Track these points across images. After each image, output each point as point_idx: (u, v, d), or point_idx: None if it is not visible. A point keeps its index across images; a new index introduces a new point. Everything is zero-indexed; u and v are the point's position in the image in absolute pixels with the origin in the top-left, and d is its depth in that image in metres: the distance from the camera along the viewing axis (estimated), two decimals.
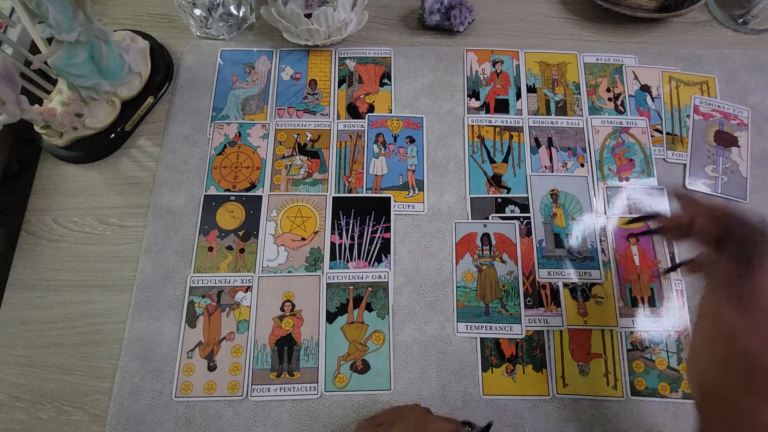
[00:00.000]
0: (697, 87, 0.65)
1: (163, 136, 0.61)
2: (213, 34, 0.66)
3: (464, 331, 0.53)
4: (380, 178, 0.59)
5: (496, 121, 0.62)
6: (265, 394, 0.50)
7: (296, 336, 0.52)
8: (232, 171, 0.59)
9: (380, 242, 0.56)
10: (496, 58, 0.66)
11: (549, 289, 0.55)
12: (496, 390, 0.51)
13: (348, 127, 0.62)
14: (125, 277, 0.54)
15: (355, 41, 0.67)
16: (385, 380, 0.51)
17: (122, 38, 0.61)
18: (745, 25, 0.69)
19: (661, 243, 0.57)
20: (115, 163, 0.60)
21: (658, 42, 0.68)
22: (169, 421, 0.49)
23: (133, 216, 0.57)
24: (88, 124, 0.57)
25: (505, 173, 0.60)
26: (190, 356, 0.51)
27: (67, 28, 0.49)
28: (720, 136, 0.62)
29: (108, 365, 0.51)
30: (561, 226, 0.57)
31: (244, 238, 0.56)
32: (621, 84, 0.65)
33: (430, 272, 0.55)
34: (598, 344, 0.53)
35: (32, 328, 0.52)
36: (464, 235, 0.57)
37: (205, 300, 0.53)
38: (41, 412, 0.49)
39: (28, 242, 0.56)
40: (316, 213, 0.57)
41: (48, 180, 0.59)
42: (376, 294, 0.54)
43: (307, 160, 0.60)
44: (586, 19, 0.70)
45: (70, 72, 0.53)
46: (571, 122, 0.62)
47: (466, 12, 0.65)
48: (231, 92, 0.63)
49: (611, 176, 0.60)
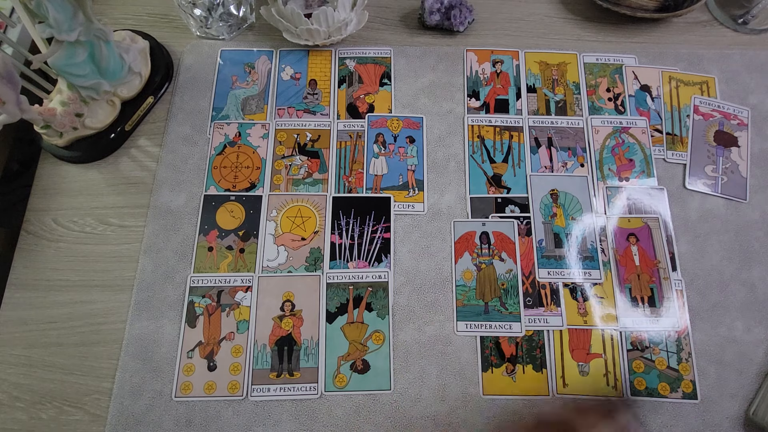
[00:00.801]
0: (697, 87, 0.65)
1: (163, 136, 0.61)
2: (213, 34, 0.66)
3: (464, 330, 0.53)
4: (380, 178, 0.59)
5: (496, 121, 0.62)
6: (265, 394, 0.50)
7: (296, 336, 0.52)
8: (232, 171, 0.59)
9: (380, 242, 0.56)
10: (496, 58, 0.66)
11: (549, 288, 0.55)
12: (496, 390, 0.51)
13: (348, 127, 0.62)
14: (125, 277, 0.54)
15: (355, 41, 0.67)
16: (385, 380, 0.51)
17: (122, 38, 0.61)
18: (745, 25, 0.69)
19: (661, 242, 0.57)
20: (115, 163, 0.60)
21: (658, 42, 0.68)
22: (169, 420, 0.49)
23: (133, 216, 0.57)
24: (88, 124, 0.57)
25: (505, 173, 0.60)
26: (190, 356, 0.51)
27: (67, 28, 0.49)
28: (720, 136, 0.62)
29: (108, 365, 0.51)
30: (561, 225, 0.57)
31: (244, 238, 0.56)
32: (621, 84, 0.65)
33: (430, 272, 0.55)
34: (598, 344, 0.53)
35: (32, 328, 0.52)
36: (463, 233, 0.57)
37: (205, 300, 0.53)
38: (41, 412, 0.49)
39: (28, 242, 0.56)
40: (316, 213, 0.57)
41: (48, 180, 0.59)
42: (376, 294, 0.54)
43: (307, 160, 0.60)
44: (586, 19, 0.70)
45: (70, 72, 0.53)
46: (571, 122, 0.63)
47: (466, 12, 0.65)
48: (231, 92, 0.63)
49: (611, 176, 0.60)
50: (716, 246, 0.57)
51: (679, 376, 0.52)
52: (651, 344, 0.53)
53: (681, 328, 0.54)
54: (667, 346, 0.53)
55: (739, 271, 0.56)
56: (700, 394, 0.51)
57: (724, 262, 0.57)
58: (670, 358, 0.52)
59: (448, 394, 0.51)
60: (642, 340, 0.53)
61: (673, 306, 0.54)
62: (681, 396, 0.51)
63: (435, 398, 0.51)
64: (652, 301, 0.54)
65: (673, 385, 0.51)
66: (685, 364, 0.52)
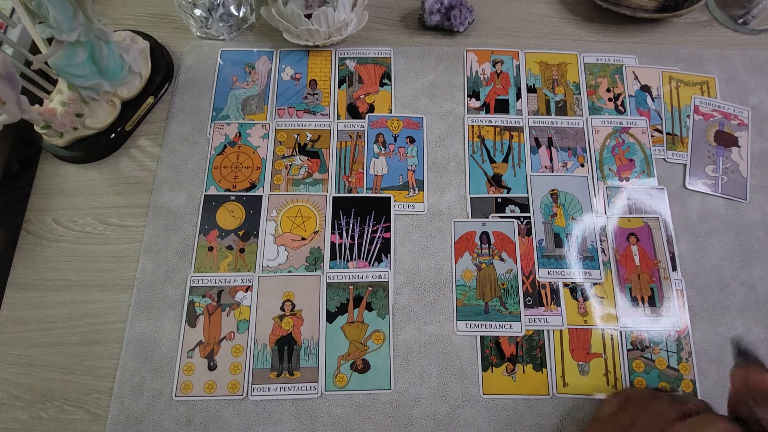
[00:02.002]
0: (697, 87, 0.65)
1: (163, 136, 0.61)
2: (213, 34, 0.66)
3: (464, 330, 0.53)
4: (380, 178, 0.59)
5: (496, 121, 0.63)
6: (265, 394, 0.50)
7: (296, 335, 0.52)
8: (232, 171, 0.59)
9: (380, 242, 0.56)
10: (496, 58, 0.66)
11: (549, 288, 0.55)
12: (496, 389, 0.51)
13: (348, 127, 0.62)
14: (125, 276, 0.54)
15: (355, 41, 0.67)
16: (385, 380, 0.51)
17: (122, 38, 0.61)
18: (745, 25, 0.69)
19: (662, 242, 0.57)
20: (115, 163, 0.60)
21: (658, 42, 0.68)
22: (169, 420, 0.49)
23: (133, 216, 0.57)
24: (88, 124, 0.57)
25: (505, 173, 0.60)
26: (191, 356, 0.51)
27: (67, 28, 0.49)
28: (720, 136, 0.62)
29: (108, 365, 0.51)
30: (561, 225, 0.57)
31: (244, 237, 0.56)
32: (621, 84, 0.65)
33: (430, 272, 0.55)
34: (598, 344, 0.53)
35: (32, 328, 0.52)
36: (463, 233, 0.57)
37: (205, 300, 0.53)
38: (42, 412, 0.49)
39: (28, 242, 0.56)
40: (316, 213, 0.57)
41: (48, 180, 0.59)
42: (376, 294, 0.54)
43: (307, 160, 0.60)
44: (586, 19, 0.70)
45: (71, 72, 0.53)
46: (571, 122, 0.63)
47: (466, 12, 0.65)
48: (231, 92, 0.63)
49: (611, 176, 0.60)
50: (716, 246, 0.57)
51: (679, 376, 0.52)
52: (651, 344, 0.53)
53: (681, 327, 0.54)
54: (667, 346, 0.53)
55: (740, 271, 0.56)
56: (700, 393, 0.51)
57: (724, 262, 0.57)
58: (670, 358, 0.52)
59: (448, 394, 0.51)
60: (642, 340, 0.53)
61: (673, 306, 0.54)
62: None
63: (435, 398, 0.51)
64: (652, 300, 0.54)
65: (673, 384, 0.51)
66: (685, 363, 0.52)
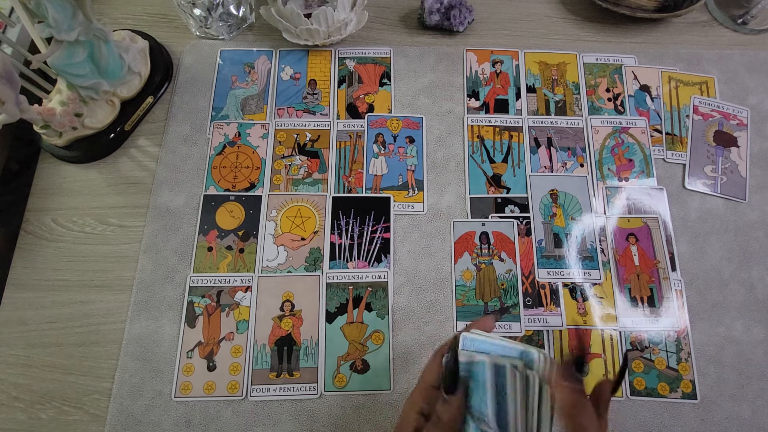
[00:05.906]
0: (697, 87, 0.65)
1: (162, 135, 0.61)
2: (213, 33, 0.66)
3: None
4: (380, 178, 0.59)
5: (496, 121, 0.62)
6: (265, 394, 0.50)
7: (296, 336, 0.52)
8: (231, 171, 0.59)
9: (380, 242, 0.56)
10: (496, 58, 0.66)
11: (548, 288, 0.55)
12: None
13: (348, 127, 0.62)
14: (124, 277, 0.54)
15: (355, 41, 0.67)
16: (384, 380, 0.51)
17: (122, 38, 0.61)
18: (744, 25, 0.69)
19: (661, 242, 0.57)
20: (114, 163, 0.60)
21: (657, 42, 0.68)
22: (169, 421, 0.49)
23: (132, 216, 0.57)
24: (88, 123, 0.57)
25: (505, 173, 0.60)
26: (190, 356, 0.51)
27: (66, 27, 0.49)
28: (719, 136, 0.62)
29: (107, 365, 0.51)
30: (560, 226, 0.57)
31: (244, 238, 0.56)
32: (620, 84, 0.65)
33: (430, 272, 0.55)
34: (597, 344, 0.53)
35: (32, 328, 0.52)
36: (463, 233, 0.57)
37: (205, 300, 0.53)
38: (41, 412, 0.49)
39: (27, 242, 0.56)
40: (315, 213, 0.57)
41: (47, 180, 0.59)
42: (375, 294, 0.54)
43: (306, 160, 0.60)
44: (585, 19, 0.70)
45: (70, 72, 0.53)
46: (570, 122, 0.63)
47: (466, 12, 0.65)
48: (231, 92, 0.63)
49: (611, 176, 0.60)
50: (716, 246, 0.57)
51: (679, 376, 0.52)
52: (650, 344, 0.53)
53: (680, 328, 0.54)
54: (666, 346, 0.53)
55: (739, 271, 0.56)
56: (700, 393, 0.51)
57: (723, 262, 0.57)
58: (669, 358, 0.52)
59: None
60: (641, 340, 0.53)
61: (673, 306, 0.54)
62: (680, 396, 0.51)
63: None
64: (652, 301, 0.55)
65: (673, 384, 0.52)
66: (684, 363, 0.52)
